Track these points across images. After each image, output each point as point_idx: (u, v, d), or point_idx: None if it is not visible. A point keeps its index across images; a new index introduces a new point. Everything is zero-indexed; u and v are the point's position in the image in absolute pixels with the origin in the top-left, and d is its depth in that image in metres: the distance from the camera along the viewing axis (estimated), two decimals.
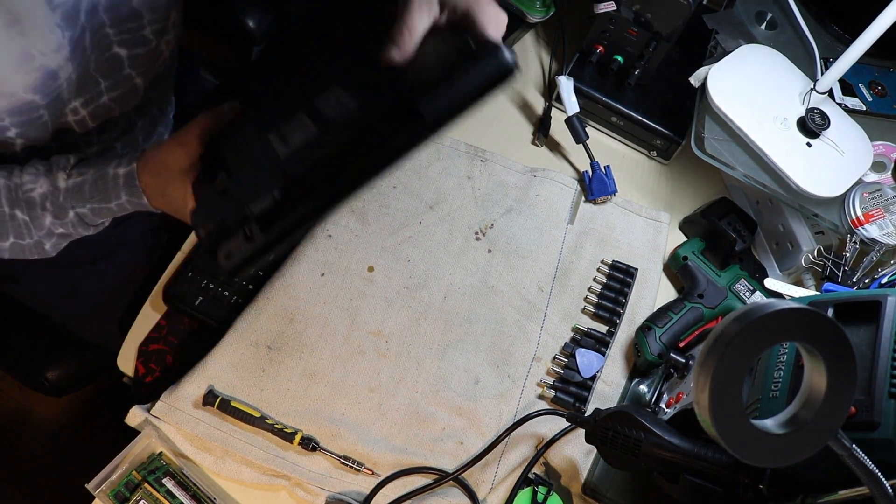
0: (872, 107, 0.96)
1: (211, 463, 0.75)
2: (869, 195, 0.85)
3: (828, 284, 0.81)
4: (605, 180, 0.95)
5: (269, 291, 0.82)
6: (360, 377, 0.80)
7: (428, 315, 0.85)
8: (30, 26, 0.61)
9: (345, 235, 0.88)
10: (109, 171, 0.69)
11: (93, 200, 0.69)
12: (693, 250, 0.90)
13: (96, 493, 0.70)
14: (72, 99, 0.73)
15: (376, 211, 0.90)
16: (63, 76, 0.69)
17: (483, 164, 0.96)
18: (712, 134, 0.86)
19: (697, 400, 0.44)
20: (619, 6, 0.94)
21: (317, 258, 0.86)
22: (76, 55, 0.69)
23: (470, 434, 0.79)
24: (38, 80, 0.65)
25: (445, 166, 0.95)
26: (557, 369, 0.83)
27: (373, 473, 0.76)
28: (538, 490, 0.75)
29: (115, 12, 0.71)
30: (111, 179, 0.68)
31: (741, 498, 0.63)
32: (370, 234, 0.88)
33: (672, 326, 0.84)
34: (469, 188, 0.94)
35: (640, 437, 0.66)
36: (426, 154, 0.96)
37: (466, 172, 0.95)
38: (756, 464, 0.46)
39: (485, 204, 0.93)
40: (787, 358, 0.61)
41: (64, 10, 0.64)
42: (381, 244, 0.88)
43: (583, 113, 0.98)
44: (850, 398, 0.46)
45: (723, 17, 0.96)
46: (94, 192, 0.69)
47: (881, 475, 0.48)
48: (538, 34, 1.11)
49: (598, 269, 0.91)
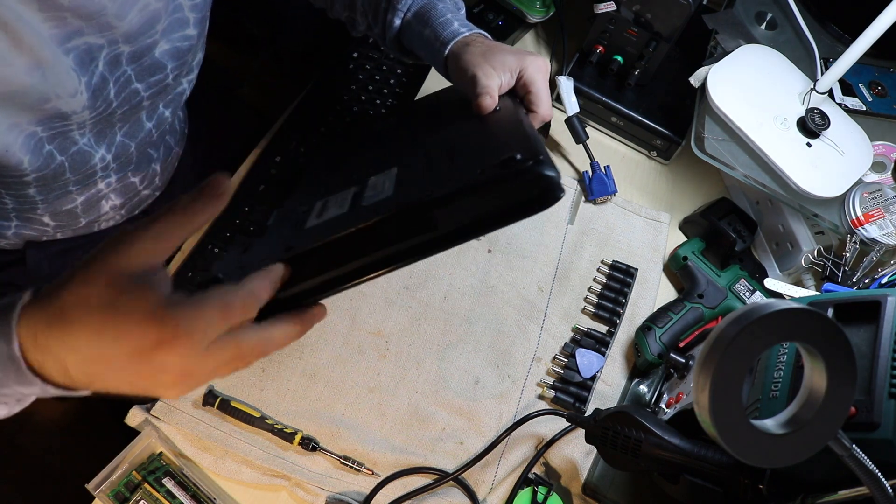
0: (872, 107, 0.96)
1: (211, 463, 0.75)
2: (869, 195, 0.85)
3: (828, 284, 0.81)
4: (605, 180, 0.95)
5: None
6: (360, 377, 0.80)
7: (428, 315, 0.85)
8: (49, 69, 0.58)
9: None
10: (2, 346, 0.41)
11: None
12: (693, 250, 0.90)
13: (96, 493, 0.70)
14: (84, 136, 0.69)
15: None
16: (76, 120, 0.65)
17: None
18: (712, 134, 0.86)
19: (697, 400, 0.44)
20: (619, 6, 0.94)
21: None
22: (97, 105, 0.65)
23: (470, 434, 0.79)
24: (45, 117, 0.62)
25: None
26: (557, 369, 0.83)
27: (373, 473, 0.76)
28: (538, 490, 0.75)
29: (139, 66, 0.69)
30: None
31: (741, 498, 0.63)
32: None
33: (672, 326, 0.84)
34: None
35: (640, 437, 0.66)
36: None
37: None
38: (756, 464, 0.46)
39: None
40: (787, 358, 0.61)
41: (77, 53, 0.61)
42: None
43: (583, 113, 0.98)
44: (850, 398, 0.46)
45: (723, 17, 0.96)
46: None
47: (881, 475, 0.48)
48: (538, 34, 1.11)
49: (598, 270, 0.91)
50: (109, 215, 0.85)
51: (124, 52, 0.66)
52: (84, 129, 0.68)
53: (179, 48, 0.71)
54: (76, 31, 0.59)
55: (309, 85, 0.99)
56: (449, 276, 0.87)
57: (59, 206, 0.75)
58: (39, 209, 0.73)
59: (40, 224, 0.77)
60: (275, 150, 0.93)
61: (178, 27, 0.70)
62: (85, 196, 0.76)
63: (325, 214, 0.55)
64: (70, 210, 0.77)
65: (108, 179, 0.78)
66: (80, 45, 0.61)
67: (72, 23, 0.58)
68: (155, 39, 0.68)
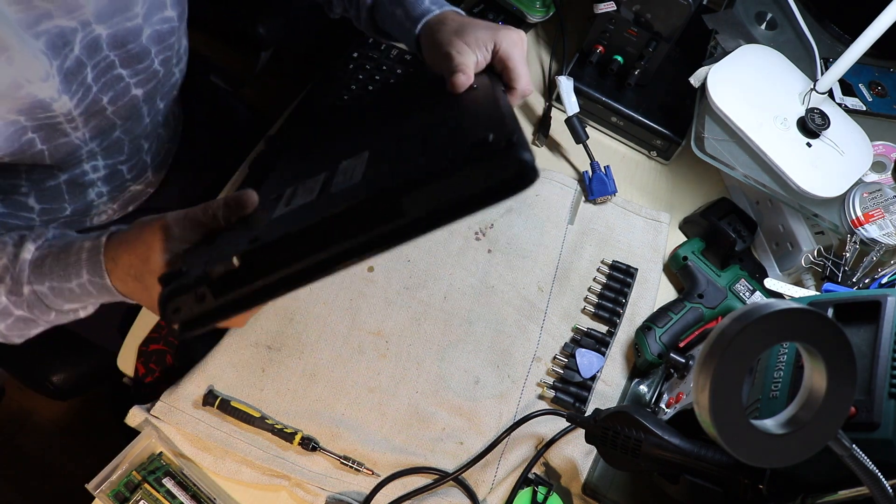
0: (872, 107, 0.96)
1: (211, 463, 0.75)
2: (869, 195, 0.85)
3: (828, 284, 0.81)
4: (605, 180, 0.95)
5: None
6: (360, 377, 0.80)
7: (428, 315, 0.85)
8: (16, 53, 0.59)
9: None
10: (76, 243, 0.60)
11: (52, 277, 0.60)
12: (693, 250, 0.90)
13: (96, 493, 0.70)
14: (77, 130, 0.69)
15: None
16: (60, 110, 0.65)
17: None
18: (712, 134, 0.86)
19: (697, 400, 0.44)
20: (619, 6, 0.94)
21: None
22: (73, 90, 0.65)
23: (470, 434, 0.79)
24: (25, 105, 0.62)
25: None
26: (557, 369, 0.83)
27: (373, 473, 0.76)
28: (538, 490, 0.75)
29: (125, 52, 0.69)
30: (74, 253, 0.60)
31: (741, 498, 0.63)
32: None
33: (672, 326, 0.84)
34: None
35: (640, 437, 0.66)
36: None
37: None
38: (756, 464, 0.46)
39: None
40: (787, 358, 0.61)
41: (48, 37, 0.61)
42: None
43: (583, 113, 0.98)
44: (850, 398, 0.46)
45: (723, 17, 0.96)
46: (55, 266, 0.60)
47: (881, 475, 0.48)
48: (538, 34, 1.11)
49: (598, 270, 0.91)
50: (100, 208, 0.85)
51: (102, 35, 0.66)
52: (75, 123, 0.68)
53: (160, 31, 0.72)
54: (44, 14, 0.60)
55: (309, 85, 0.99)
56: (449, 276, 0.87)
57: (43, 183, 0.75)
58: (24, 187, 0.73)
59: (26, 210, 0.77)
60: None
61: (156, 9, 0.70)
62: (69, 175, 0.76)
63: (293, 202, 0.54)
64: (54, 188, 0.76)
65: (95, 163, 0.78)
66: (50, 28, 0.61)
67: (38, 6, 0.59)
68: (138, 24, 0.68)
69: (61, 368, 1.01)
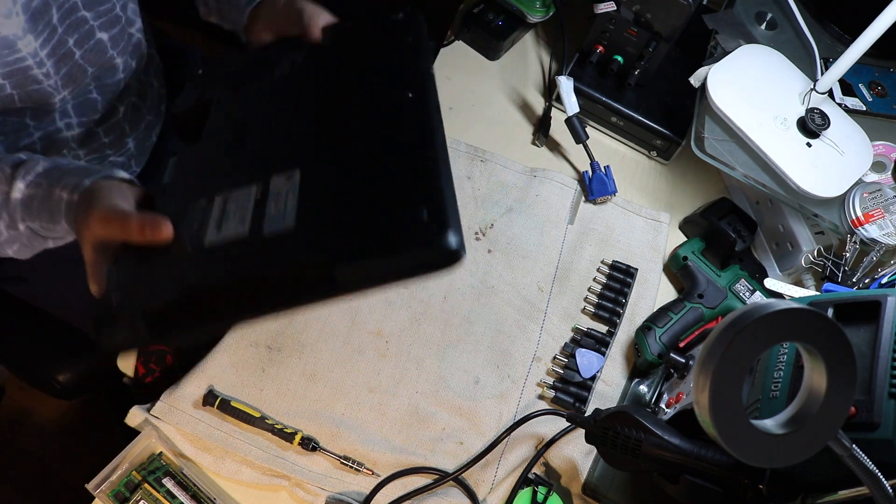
0: (872, 107, 0.96)
1: (211, 463, 0.75)
2: (869, 195, 0.85)
3: (828, 284, 0.81)
4: (605, 180, 0.95)
5: None
6: (360, 377, 0.80)
7: (428, 315, 0.85)
8: None
9: None
10: (56, 191, 0.62)
11: (41, 218, 0.63)
12: (693, 250, 0.90)
13: (96, 493, 0.70)
14: (49, 77, 0.72)
15: None
16: (26, 50, 0.67)
17: (483, 165, 0.96)
18: (712, 134, 0.86)
19: (697, 400, 0.44)
20: (619, 6, 0.94)
21: None
22: (40, 29, 0.68)
23: (470, 434, 0.79)
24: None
25: None
26: (557, 369, 0.83)
27: (373, 473, 0.76)
28: (538, 490, 0.75)
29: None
30: (55, 202, 0.61)
31: (741, 498, 0.63)
32: None
33: (672, 326, 0.84)
34: (469, 188, 0.94)
35: (640, 437, 0.66)
36: None
37: (466, 172, 0.95)
38: (756, 464, 0.46)
39: (485, 204, 0.93)
40: (787, 358, 0.61)
41: None
42: None
43: (583, 113, 0.98)
44: (850, 398, 0.46)
45: (723, 17, 0.96)
46: (42, 210, 0.62)
47: (881, 475, 0.48)
48: (538, 34, 1.11)
49: (598, 270, 0.91)
50: None
51: None
52: (45, 68, 0.70)
53: None
54: None
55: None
56: (449, 276, 0.87)
57: (18, 141, 0.76)
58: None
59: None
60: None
61: None
62: (42, 132, 0.78)
63: (223, 227, 0.54)
64: (28, 147, 0.78)
65: (68, 120, 0.80)
66: None
67: None
68: None
69: (66, 367, 1.01)
